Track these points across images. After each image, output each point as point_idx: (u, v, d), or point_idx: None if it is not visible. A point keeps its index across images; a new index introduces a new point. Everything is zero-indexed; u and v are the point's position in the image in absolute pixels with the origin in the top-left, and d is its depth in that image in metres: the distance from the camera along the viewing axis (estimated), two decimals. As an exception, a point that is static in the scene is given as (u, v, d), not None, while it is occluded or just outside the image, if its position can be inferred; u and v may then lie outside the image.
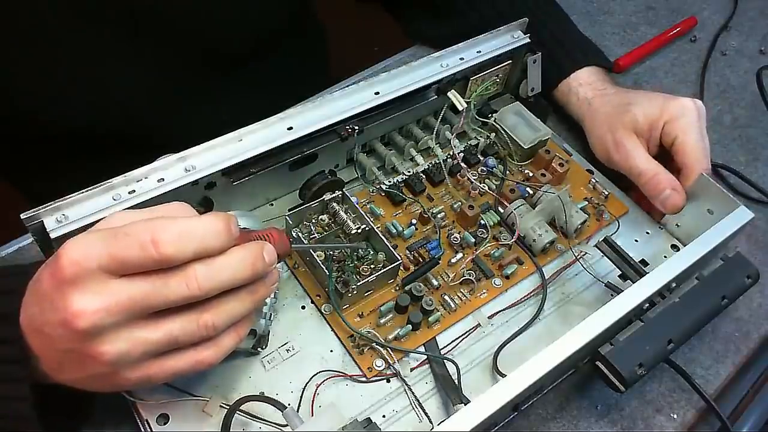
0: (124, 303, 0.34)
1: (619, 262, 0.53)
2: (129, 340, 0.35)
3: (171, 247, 0.34)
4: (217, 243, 0.36)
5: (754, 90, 0.78)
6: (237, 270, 0.37)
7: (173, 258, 0.34)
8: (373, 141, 0.60)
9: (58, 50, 0.58)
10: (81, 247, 0.34)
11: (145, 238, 0.34)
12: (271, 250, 0.39)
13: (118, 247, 0.34)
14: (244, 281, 0.38)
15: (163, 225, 0.35)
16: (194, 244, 0.35)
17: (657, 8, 0.89)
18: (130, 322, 0.35)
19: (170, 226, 0.35)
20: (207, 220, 0.36)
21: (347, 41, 1.04)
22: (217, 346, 0.39)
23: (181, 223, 0.35)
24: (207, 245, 0.36)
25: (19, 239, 0.57)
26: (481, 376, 0.50)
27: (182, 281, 0.35)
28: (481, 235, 0.56)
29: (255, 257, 0.38)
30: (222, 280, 0.37)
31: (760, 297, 0.60)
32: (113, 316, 0.34)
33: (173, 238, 0.34)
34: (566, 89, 0.68)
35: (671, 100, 0.60)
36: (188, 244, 0.35)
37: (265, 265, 0.39)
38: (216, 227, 0.36)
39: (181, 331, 0.37)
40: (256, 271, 0.38)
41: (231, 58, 0.69)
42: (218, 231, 0.36)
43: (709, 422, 0.52)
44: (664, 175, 0.58)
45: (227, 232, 0.37)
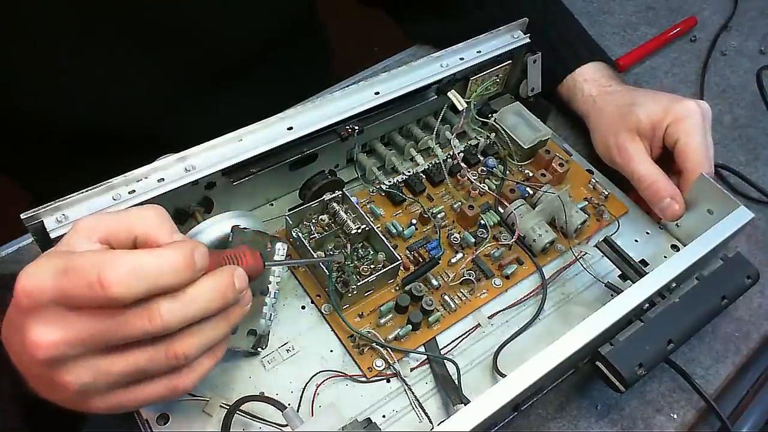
0: (82, 337, 0.33)
1: (619, 262, 0.53)
2: (92, 370, 0.34)
3: (118, 288, 0.31)
4: (174, 281, 0.34)
5: (754, 90, 0.78)
6: (205, 302, 0.35)
7: (122, 299, 0.32)
8: (373, 141, 0.60)
9: (62, 52, 0.58)
10: (33, 279, 0.33)
11: (92, 277, 0.31)
12: (242, 274, 0.37)
13: (67, 283, 0.32)
14: (215, 312, 0.36)
15: (112, 261, 0.32)
16: (146, 283, 0.32)
17: (657, 8, 0.89)
18: (91, 354, 0.34)
19: (119, 263, 0.32)
20: (164, 255, 0.33)
21: (347, 41, 1.04)
22: (192, 371, 0.37)
23: (132, 260, 0.32)
24: (162, 284, 0.33)
25: (19, 239, 0.57)
26: (481, 376, 0.50)
27: (144, 318, 0.33)
28: (481, 235, 0.56)
29: (225, 286, 0.36)
30: (189, 314, 0.34)
31: (760, 297, 0.60)
32: (73, 348, 0.33)
33: (121, 277, 0.32)
34: (571, 85, 0.68)
35: (675, 102, 0.60)
36: (138, 283, 0.32)
37: (236, 292, 0.37)
38: (174, 263, 0.33)
39: (148, 362, 0.35)
40: (226, 301, 0.36)
41: (235, 61, 0.69)
42: (176, 268, 0.33)
43: (709, 422, 0.52)
44: (664, 182, 0.58)
45: (188, 267, 0.34)
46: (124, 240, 0.36)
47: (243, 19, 0.66)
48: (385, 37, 0.89)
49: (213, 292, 0.35)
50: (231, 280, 0.36)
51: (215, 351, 0.38)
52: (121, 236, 0.36)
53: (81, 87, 0.61)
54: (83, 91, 0.61)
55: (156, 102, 0.65)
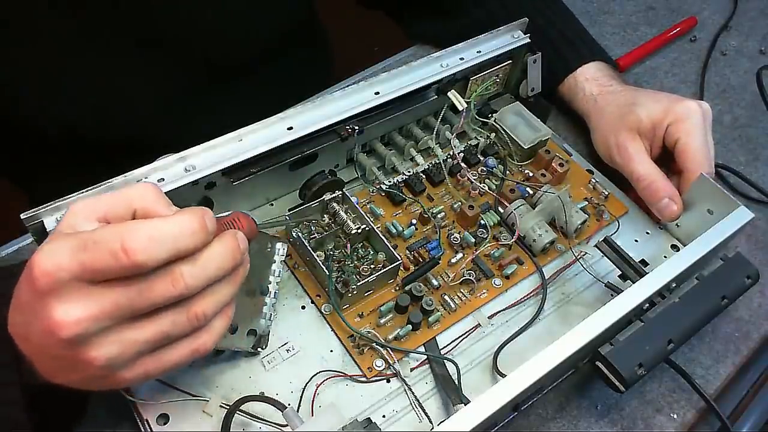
0: (108, 309, 0.33)
1: (619, 262, 0.53)
2: (119, 342, 0.34)
3: (143, 255, 0.32)
4: (192, 243, 0.35)
5: (754, 90, 0.78)
6: (221, 264, 0.37)
7: (147, 265, 0.33)
8: (373, 141, 0.60)
9: (62, 55, 0.58)
10: (51, 258, 0.33)
11: (115, 246, 0.32)
12: (243, 237, 0.39)
13: (89, 257, 0.32)
14: (228, 272, 0.38)
15: (132, 230, 0.33)
16: (167, 248, 0.34)
17: (657, 8, 0.89)
18: (117, 325, 0.34)
19: (140, 230, 0.33)
20: (179, 221, 0.35)
21: (347, 41, 1.04)
22: (210, 332, 0.38)
23: (151, 227, 0.33)
24: (181, 247, 0.34)
25: (19, 239, 0.57)
26: (481, 376, 0.50)
27: (168, 282, 0.34)
28: (481, 235, 0.56)
29: (233, 248, 0.37)
30: (208, 276, 0.36)
31: (760, 297, 0.60)
32: (99, 323, 0.33)
33: (144, 244, 0.33)
34: (572, 84, 0.68)
35: (676, 102, 0.60)
36: (161, 248, 0.33)
37: (242, 252, 0.38)
38: (190, 227, 0.35)
39: (172, 326, 0.36)
40: (236, 261, 0.38)
41: (237, 63, 0.69)
42: (192, 231, 0.35)
43: (709, 422, 0.52)
44: (663, 182, 0.58)
45: (203, 230, 0.35)
46: (124, 216, 0.37)
47: (245, 23, 0.66)
48: (385, 37, 0.89)
49: (225, 253, 0.37)
50: (237, 242, 0.38)
51: (227, 311, 0.39)
52: (120, 213, 0.37)
53: (81, 89, 0.61)
54: (84, 94, 0.61)
55: (157, 104, 0.65)
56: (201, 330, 0.38)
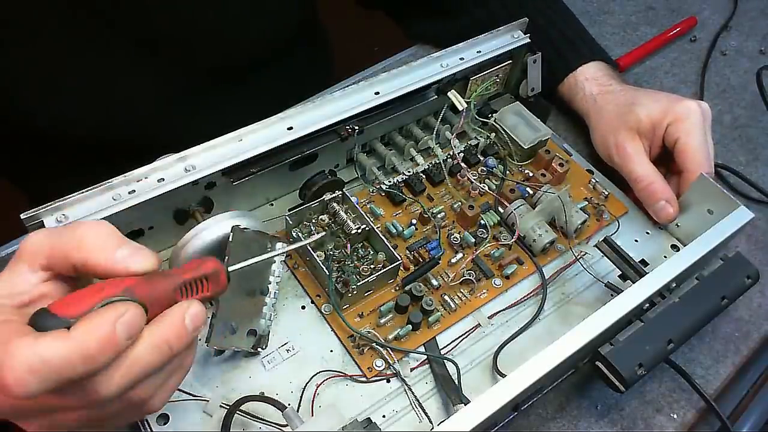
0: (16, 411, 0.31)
1: (619, 262, 0.53)
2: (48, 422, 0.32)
3: (18, 389, 0.28)
4: (91, 367, 0.29)
5: (754, 90, 0.78)
6: (149, 364, 0.32)
7: (28, 396, 0.29)
8: (373, 141, 0.60)
9: (63, 57, 0.58)
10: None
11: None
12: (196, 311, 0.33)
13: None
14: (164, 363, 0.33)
15: (9, 360, 0.28)
16: (51, 379, 0.29)
17: (657, 8, 0.89)
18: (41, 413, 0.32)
19: (18, 361, 0.28)
20: (72, 346, 0.29)
21: (347, 41, 1.04)
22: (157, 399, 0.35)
23: (31, 357, 0.28)
24: (73, 375, 0.29)
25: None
26: (481, 376, 0.50)
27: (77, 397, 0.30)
28: (481, 235, 0.56)
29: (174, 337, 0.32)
30: (131, 380, 0.31)
31: (760, 297, 0.60)
32: (16, 416, 0.31)
33: (20, 377, 0.28)
34: (572, 84, 0.68)
35: (676, 102, 0.60)
36: (41, 381, 0.28)
37: (189, 335, 0.33)
38: (83, 350, 0.29)
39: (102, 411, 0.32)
40: (177, 351, 0.33)
41: (239, 67, 0.69)
42: (86, 356, 0.29)
43: (709, 422, 0.52)
44: (660, 184, 0.58)
45: (104, 350, 0.30)
46: (64, 267, 0.34)
47: (247, 25, 0.66)
48: (385, 37, 0.89)
49: (159, 350, 0.32)
50: (180, 329, 0.33)
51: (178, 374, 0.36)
52: (59, 263, 0.34)
53: (82, 90, 0.61)
54: (84, 95, 0.61)
55: (158, 105, 0.65)
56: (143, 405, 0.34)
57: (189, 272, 0.35)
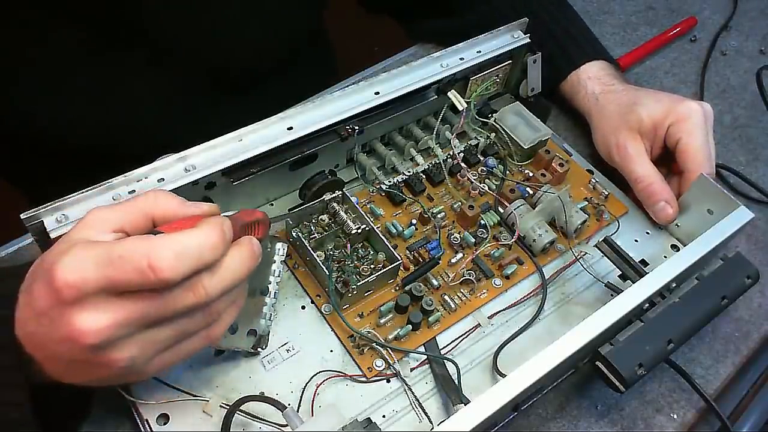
0: (132, 318, 0.34)
1: (619, 262, 0.53)
2: (141, 344, 0.36)
3: (169, 272, 0.34)
4: (213, 257, 0.36)
5: (754, 90, 0.78)
6: (239, 273, 0.38)
7: (172, 281, 0.34)
8: (373, 141, 0.60)
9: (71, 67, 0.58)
10: (76, 271, 0.33)
11: (142, 264, 0.33)
12: (257, 243, 0.41)
13: (116, 272, 0.33)
14: (243, 278, 0.39)
15: (159, 247, 0.34)
16: (191, 264, 0.35)
17: (657, 8, 0.89)
18: (140, 329, 0.35)
19: (166, 247, 0.34)
20: (203, 235, 0.36)
21: (347, 41, 1.04)
22: (221, 322, 0.40)
23: (176, 243, 0.35)
24: (205, 261, 0.36)
25: (19, 239, 0.57)
26: (481, 376, 0.50)
27: (189, 293, 0.36)
28: (481, 235, 0.56)
29: (250, 257, 0.39)
30: (227, 285, 0.38)
31: (760, 297, 0.60)
32: (123, 329, 0.34)
33: (170, 261, 0.34)
34: (575, 82, 0.68)
35: (678, 102, 0.60)
36: (185, 264, 0.34)
37: (257, 259, 0.40)
38: (212, 241, 0.36)
39: (190, 324, 0.38)
40: (251, 268, 0.40)
41: (245, 77, 0.69)
42: (215, 245, 0.36)
43: (709, 422, 0.52)
44: (660, 185, 0.58)
45: (223, 243, 0.37)
46: (143, 225, 0.39)
47: (252, 35, 0.65)
48: (385, 37, 0.89)
49: (242, 263, 0.39)
50: (253, 250, 0.40)
51: (237, 302, 0.41)
52: (138, 222, 0.38)
53: (88, 99, 0.61)
54: (90, 103, 0.61)
55: (161, 113, 0.64)
56: (214, 324, 0.40)
57: (247, 216, 0.42)
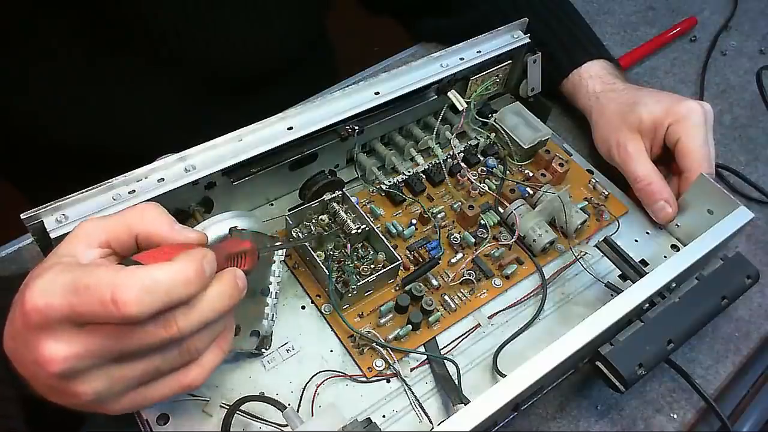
0: (96, 350, 0.33)
1: (619, 262, 0.53)
2: (106, 378, 0.34)
3: (134, 307, 0.31)
4: (185, 293, 0.34)
5: (754, 90, 0.78)
6: (217, 307, 0.36)
7: (137, 317, 0.32)
8: (373, 141, 0.60)
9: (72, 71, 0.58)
10: (43, 296, 0.32)
11: (106, 296, 0.31)
12: (242, 276, 0.38)
13: (79, 302, 0.32)
14: (224, 314, 0.37)
15: (125, 280, 0.32)
16: (160, 300, 0.32)
17: (657, 8, 0.89)
18: (106, 363, 0.34)
19: (132, 281, 0.32)
20: (175, 270, 0.33)
21: (347, 41, 1.04)
22: (201, 366, 0.38)
23: (144, 277, 0.32)
24: (174, 298, 0.33)
25: (19, 239, 0.57)
26: (481, 376, 0.50)
27: (159, 328, 0.34)
28: (481, 235, 0.56)
29: (232, 289, 0.37)
30: (204, 321, 0.35)
31: (760, 297, 0.60)
32: (86, 361, 0.33)
33: (136, 296, 0.31)
34: (576, 80, 0.68)
35: (678, 102, 0.60)
36: (152, 300, 0.32)
37: (240, 292, 0.38)
38: (185, 277, 0.34)
39: (162, 362, 0.35)
40: (233, 302, 0.37)
41: (247, 83, 0.69)
42: (188, 281, 0.34)
43: (709, 422, 0.52)
44: (660, 184, 0.58)
45: (199, 278, 0.34)
46: (126, 241, 0.37)
47: (255, 42, 0.65)
48: (385, 37, 0.89)
49: (223, 297, 0.36)
50: (236, 283, 0.38)
51: (221, 344, 0.39)
52: (122, 238, 0.37)
53: (87, 101, 0.61)
54: (93, 108, 0.61)
55: (163, 119, 0.64)
56: (192, 364, 0.37)
57: (233, 247, 0.40)
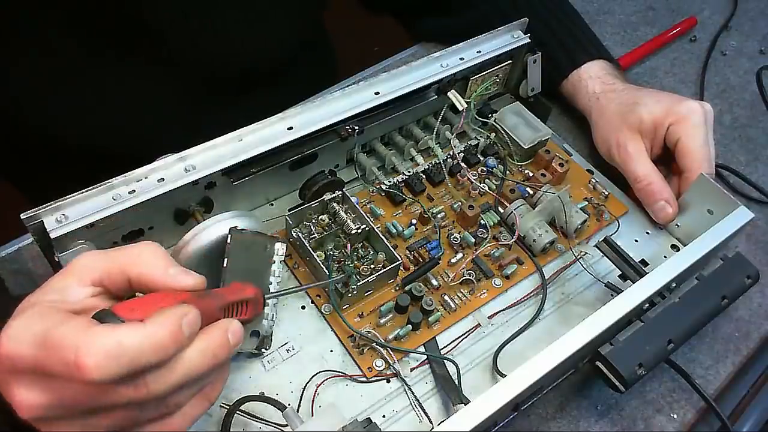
0: (63, 403, 0.32)
1: (619, 262, 0.53)
2: (82, 425, 0.33)
3: (95, 372, 0.30)
4: (158, 358, 0.32)
5: (754, 90, 0.78)
6: (195, 369, 0.34)
7: (99, 381, 0.30)
8: (373, 141, 0.60)
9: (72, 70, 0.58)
10: (13, 344, 0.32)
11: (69, 357, 0.30)
12: (238, 329, 0.36)
13: (44, 357, 0.31)
14: (206, 375, 0.35)
15: (90, 343, 0.30)
16: (125, 365, 0.31)
17: (657, 8, 0.89)
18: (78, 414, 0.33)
19: (99, 345, 0.30)
20: (147, 334, 0.31)
21: (347, 41, 1.04)
22: (183, 416, 0.36)
23: (111, 341, 0.30)
24: (144, 363, 0.31)
25: (19, 239, 0.57)
26: (481, 376, 0.50)
27: (129, 389, 0.32)
28: (481, 235, 0.56)
29: (218, 347, 0.35)
30: (177, 381, 0.33)
31: (760, 297, 0.60)
32: (54, 411, 0.32)
33: (99, 361, 0.30)
34: (576, 81, 0.68)
35: (678, 102, 0.60)
36: (117, 365, 0.30)
37: (230, 350, 0.36)
38: (157, 341, 0.32)
39: (140, 413, 0.34)
40: (218, 362, 0.35)
41: (248, 80, 0.69)
42: (159, 346, 0.32)
43: (709, 422, 0.52)
44: (660, 184, 0.58)
45: (175, 342, 0.32)
46: (119, 281, 0.36)
47: (251, 39, 0.65)
48: (385, 37, 0.89)
49: (205, 357, 0.34)
50: (224, 340, 0.35)
51: (208, 395, 0.37)
52: (115, 278, 0.36)
53: (88, 102, 0.61)
54: (91, 106, 0.61)
55: (160, 116, 0.65)
56: (173, 416, 0.35)
57: (233, 294, 0.38)
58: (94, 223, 0.44)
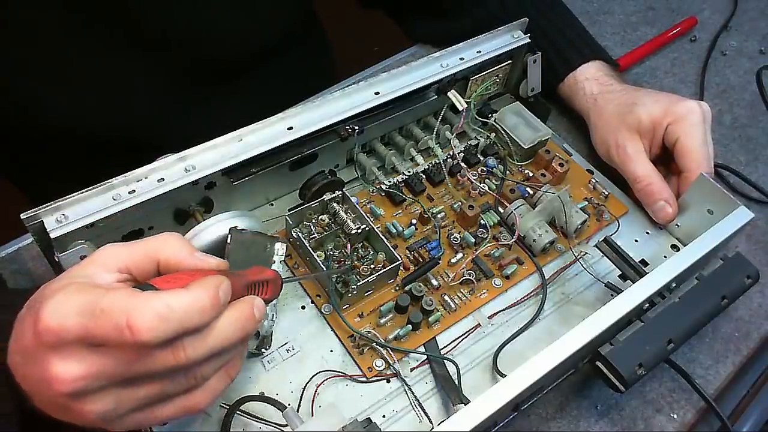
0: (106, 372, 0.33)
1: (619, 262, 0.53)
2: (113, 399, 0.34)
3: (148, 334, 0.32)
4: (199, 321, 0.34)
5: (754, 90, 0.78)
6: (228, 337, 0.36)
7: (150, 343, 0.32)
8: (373, 141, 0.60)
9: (65, 59, 0.58)
10: (58, 317, 0.33)
11: (121, 321, 0.31)
12: (261, 305, 0.38)
13: (94, 325, 0.32)
14: (235, 344, 0.37)
15: (140, 306, 0.32)
16: (174, 327, 0.33)
17: (657, 8, 0.89)
18: (114, 384, 0.34)
19: (147, 308, 0.32)
20: (191, 298, 0.34)
21: (347, 41, 1.04)
22: (206, 391, 0.37)
23: (161, 304, 0.32)
24: (188, 326, 0.33)
25: (19, 239, 0.57)
26: (481, 376, 0.50)
27: (168, 354, 0.34)
28: (481, 235, 0.56)
29: (246, 319, 0.37)
30: (213, 350, 0.35)
31: (760, 297, 0.60)
32: (95, 382, 0.33)
33: (151, 323, 0.32)
34: (573, 83, 0.68)
35: (676, 102, 0.60)
36: (167, 327, 0.32)
37: (256, 323, 0.37)
38: (200, 305, 0.34)
39: (168, 385, 0.35)
40: (247, 333, 0.37)
41: (237, 65, 0.69)
42: (202, 309, 0.34)
43: (709, 422, 0.52)
44: (660, 184, 0.58)
45: (214, 307, 0.34)
46: (146, 266, 0.38)
47: (242, 23, 0.65)
48: (385, 37, 0.89)
49: (235, 327, 0.36)
50: (252, 313, 0.37)
51: (229, 371, 0.39)
52: (143, 263, 0.37)
53: (82, 89, 0.61)
54: (84, 94, 0.61)
55: (158, 103, 0.65)
56: (197, 389, 0.37)
57: (254, 275, 0.40)
58: (94, 223, 0.44)
